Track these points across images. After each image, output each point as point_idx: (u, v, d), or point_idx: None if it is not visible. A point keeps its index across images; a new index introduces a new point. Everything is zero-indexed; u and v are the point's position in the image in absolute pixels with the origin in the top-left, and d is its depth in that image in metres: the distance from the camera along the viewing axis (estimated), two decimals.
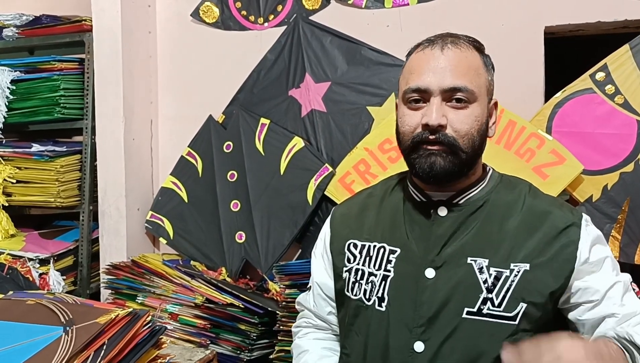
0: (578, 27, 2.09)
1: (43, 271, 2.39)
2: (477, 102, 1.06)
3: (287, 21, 2.44)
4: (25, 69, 2.56)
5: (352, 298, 1.18)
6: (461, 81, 1.04)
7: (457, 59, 1.06)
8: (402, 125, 1.11)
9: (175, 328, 2.11)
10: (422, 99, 1.07)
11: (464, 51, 1.07)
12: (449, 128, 1.04)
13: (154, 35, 2.67)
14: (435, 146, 1.05)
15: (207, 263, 2.45)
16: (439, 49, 1.07)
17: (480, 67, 1.08)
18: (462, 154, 1.05)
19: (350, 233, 1.24)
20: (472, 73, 1.06)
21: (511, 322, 1.02)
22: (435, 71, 1.06)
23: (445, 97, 1.05)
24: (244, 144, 2.44)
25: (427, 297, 1.07)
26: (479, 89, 1.06)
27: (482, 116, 1.07)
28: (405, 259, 1.12)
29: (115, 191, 2.51)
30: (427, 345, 1.05)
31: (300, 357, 1.29)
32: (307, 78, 2.38)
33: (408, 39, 2.24)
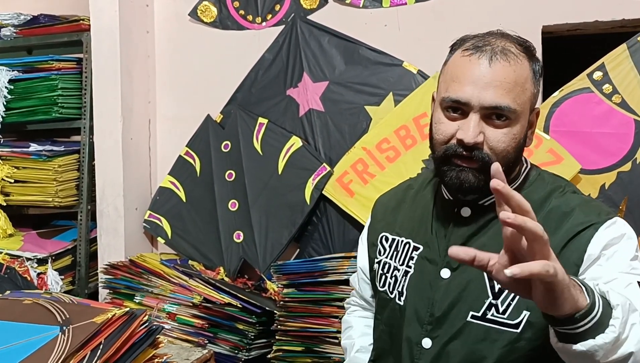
0: (575, 27, 2.09)
1: (41, 271, 2.39)
2: (520, 120, 1.01)
3: (285, 21, 2.44)
4: (23, 69, 2.56)
5: (379, 290, 1.23)
6: (504, 101, 0.98)
7: (504, 75, 0.99)
8: (437, 132, 1.07)
9: (173, 328, 2.11)
10: (460, 110, 1.03)
11: (512, 65, 1.00)
12: (485, 146, 1.01)
13: (152, 35, 2.67)
14: (467, 163, 1.02)
15: (205, 263, 2.45)
16: (487, 59, 1.00)
17: (527, 80, 1.01)
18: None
19: (385, 226, 1.27)
20: (518, 90, 1.00)
21: (513, 329, 1.01)
22: (478, 84, 1.00)
23: (486, 114, 1.00)
24: (242, 143, 2.44)
25: (439, 296, 1.09)
26: (523, 106, 1.01)
27: (521, 133, 1.03)
28: (425, 257, 1.14)
29: (113, 191, 2.51)
30: (434, 343, 1.08)
31: (346, 331, 1.41)
32: (305, 78, 2.38)
33: (406, 39, 2.27)
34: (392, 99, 2.22)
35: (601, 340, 0.76)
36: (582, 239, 0.99)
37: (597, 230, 0.99)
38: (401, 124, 2.17)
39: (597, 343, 0.76)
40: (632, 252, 0.97)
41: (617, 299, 0.79)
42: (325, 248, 2.31)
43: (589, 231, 0.99)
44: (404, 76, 2.23)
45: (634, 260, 0.97)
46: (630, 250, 0.98)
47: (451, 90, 1.03)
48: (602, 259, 0.97)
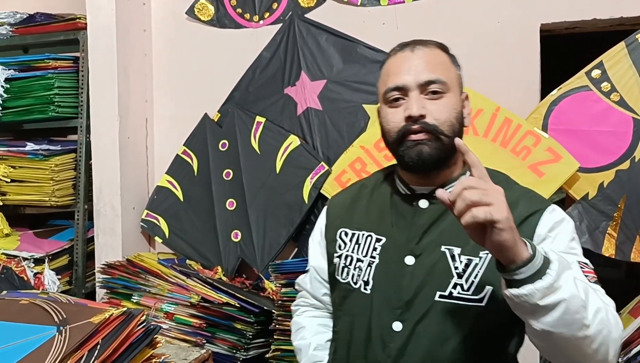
0: (574, 25, 2.08)
1: (38, 271, 2.38)
2: (451, 92, 1.16)
3: (282, 19, 2.43)
4: (19, 68, 2.54)
5: (341, 282, 1.29)
6: (435, 74, 1.15)
7: (428, 57, 1.17)
8: (387, 123, 1.21)
9: (170, 328, 2.10)
10: (401, 97, 1.17)
11: (431, 50, 1.19)
12: (429, 117, 1.14)
13: (149, 34, 2.66)
14: (420, 135, 1.14)
15: (203, 262, 2.44)
16: (410, 50, 1.20)
17: (448, 62, 1.20)
18: (445, 139, 1.14)
19: (342, 222, 1.34)
20: (443, 67, 1.17)
21: (479, 303, 1.11)
22: (409, 68, 1.17)
23: (422, 90, 1.15)
24: (240, 142, 2.43)
25: (406, 282, 1.17)
26: (451, 81, 1.17)
27: (458, 105, 1.17)
28: (389, 247, 1.22)
29: (110, 190, 2.50)
30: (404, 325, 1.16)
31: (298, 332, 1.43)
32: (303, 76, 2.37)
33: (404, 37, 2.23)
34: None
35: (539, 284, 0.90)
36: (530, 223, 1.13)
37: (542, 215, 1.13)
38: None
39: (536, 287, 0.90)
40: (571, 234, 1.13)
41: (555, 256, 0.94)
42: None
43: (536, 217, 1.13)
44: None
45: (572, 241, 1.12)
46: (569, 232, 1.13)
47: (389, 82, 1.19)
48: (547, 240, 1.11)
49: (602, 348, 0.97)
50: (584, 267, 1.08)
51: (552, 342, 0.97)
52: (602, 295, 1.03)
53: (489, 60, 2.13)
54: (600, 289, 1.05)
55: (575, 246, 1.13)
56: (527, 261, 0.91)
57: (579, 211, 2.01)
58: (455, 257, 1.14)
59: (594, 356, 0.97)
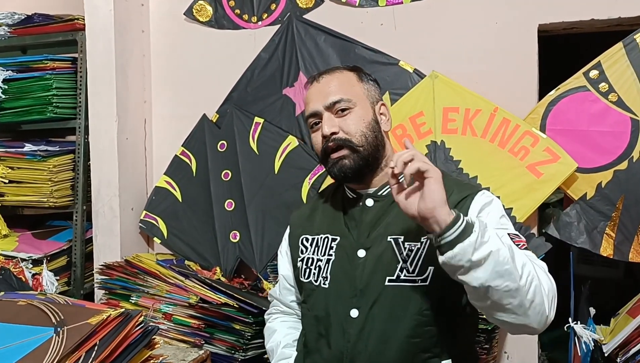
0: (572, 25, 2.09)
1: (36, 272, 2.38)
2: (358, 106, 1.33)
3: (280, 20, 2.43)
4: (17, 68, 2.54)
5: (304, 282, 1.42)
6: (337, 95, 1.33)
7: (331, 82, 1.36)
8: (314, 145, 1.40)
9: (169, 328, 2.10)
10: (318, 121, 1.36)
11: (333, 74, 1.38)
12: (341, 132, 1.32)
13: (147, 34, 2.66)
14: (339, 152, 1.32)
15: (202, 263, 2.44)
16: (317, 81, 1.39)
17: (352, 80, 1.37)
18: (360, 149, 1.31)
19: (304, 230, 1.48)
20: (346, 87, 1.35)
21: (423, 283, 1.25)
22: (318, 96, 1.36)
23: (332, 111, 1.33)
24: (238, 143, 2.43)
25: (359, 273, 1.31)
26: (356, 96, 1.34)
27: (367, 116, 1.34)
28: (343, 244, 1.37)
29: (108, 191, 2.50)
30: (360, 311, 1.29)
31: (270, 336, 1.56)
32: (301, 77, 2.37)
33: (402, 38, 2.27)
34: (389, 98, 2.21)
35: (467, 240, 1.02)
36: (463, 207, 1.26)
37: (473, 198, 1.27)
38: (397, 123, 2.16)
39: (464, 244, 1.02)
40: (501, 211, 1.27)
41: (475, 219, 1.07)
42: None
43: (468, 200, 1.27)
44: (400, 75, 2.23)
45: (502, 217, 1.26)
46: (499, 210, 1.27)
47: (306, 111, 1.39)
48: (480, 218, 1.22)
49: (537, 298, 1.07)
50: (514, 238, 1.18)
51: (492, 299, 1.06)
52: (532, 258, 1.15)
53: (487, 60, 2.13)
54: (532, 254, 1.17)
55: (505, 221, 1.26)
56: (453, 223, 1.05)
57: (577, 211, 2.01)
58: (400, 245, 1.28)
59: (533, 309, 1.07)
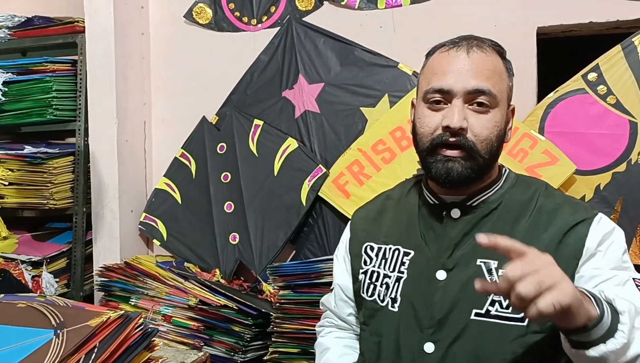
0: (570, 28, 2.09)
1: (36, 274, 2.38)
2: (499, 107, 1.05)
3: (280, 22, 2.44)
4: (17, 71, 2.54)
5: (367, 299, 1.19)
6: (485, 84, 1.03)
7: (482, 63, 1.05)
8: (422, 125, 1.09)
9: (168, 330, 2.10)
10: (443, 101, 1.06)
11: (489, 55, 1.06)
12: (470, 132, 1.04)
13: (147, 37, 2.66)
14: (454, 151, 1.05)
15: (201, 265, 2.45)
16: (465, 51, 1.06)
17: (503, 72, 1.08)
18: (480, 159, 1.05)
19: (368, 236, 1.25)
20: (497, 77, 1.05)
21: (520, 322, 1.01)
22: (460, 72, 1.04)
23: (468, 99, 1.04)
24: (238, 145, 2.44)
25: (437, 298, 1.07)
26: (501, 94, 1.06)
27: (502, 122, 1.07)
28: (418, 261, 1.13)
29: (108, 193, 2.50)
30: (437, 346, 1.06)
31: (322, 355, 1.31)
32: (301, 79, 2.38)
33: (401, 40, 2.27)
34: (388, 100, 2.22)
35: (612, 345, 0.80)
36: (578, 233, 1.02)
37: (590, 225, 1.02)
38: (397, 125, 2.17)
39: (609, 348, 0.80)
40: (623, 246, 1.02)
41: (623, 305, 0.83)
42: (322, 250, 2.30)
43: (583, 226, 1.02)
44: (400, 77, 2.23)
45: (625, 253, 1.01)
46: (622, 244, 1.02)
47: (434, 81, 1.07)
48: (598, 255, 1.00)
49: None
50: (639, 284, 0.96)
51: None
52: None
53: None
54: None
55: (627, 259, 1.01)
56: (596, 323, 0.80)
57: None
58: (492, 271, 1.03)
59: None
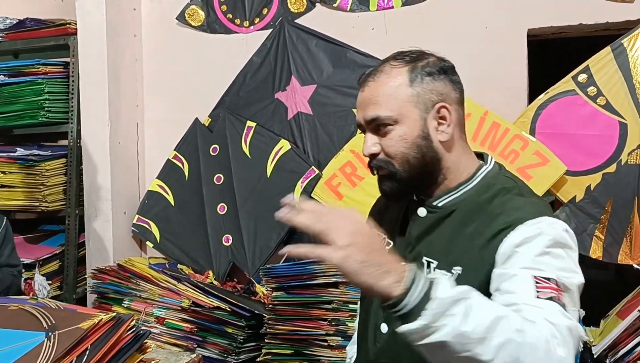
0: (560, 30, 2.11)
1: (28, 276, 2.37)
2: (401, 121, 1.11)
3: (272, 24, 2.44)
4: (9, 73, 2.53)
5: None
6: (374, 112, 1.11)
7: (373, 91, 1.13)
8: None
9: (161, 332, 2.10)
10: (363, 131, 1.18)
11: (377, 81, 1.13)
12: (382, 154, 1.13)
13: (139, 39, 2.66)
14: (380, 172, 1.15)
15: (194, 266, 2.45)
16: (363, 85, 1.16)
17: (399, 87, 1.12)
18: (400, 173, 1.12)
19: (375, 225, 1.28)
20: (387, 99, 1.11)
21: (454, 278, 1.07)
22: (360, 106, 1.16)
23: (372, 127, 1.14)
24: (230, 147, 2.44)
25: None
26: (399, 109, 1.11)
27: (410, 132, 1.11)
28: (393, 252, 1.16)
29: (101, 195, 2.50)
30: (389, 327, 1.16)
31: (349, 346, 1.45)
32: (293, 81, 2.38)
33: (393, 42, 2.27)
34: None
35: (409, 327, 0.83)
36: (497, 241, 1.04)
37: (514, 229, 1.03)
38: None
39: (409, 328, 0.84)
40: (541, 248, 1.00)
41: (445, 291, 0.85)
42: None
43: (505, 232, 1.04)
44: None
45: (541, 255, 0.99)
46: (539, 246, 1.00)
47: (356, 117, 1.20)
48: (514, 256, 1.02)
49: None
50: (541, 282, 0.96)
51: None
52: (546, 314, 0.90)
53: (477, 64, 2.14)
54: (552, 307, 0.92)
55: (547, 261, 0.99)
56: (399, 300, 0.84)
57: (567, 214, 2.02)
58: (431, 270, 1.11)
59: None
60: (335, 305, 1.96)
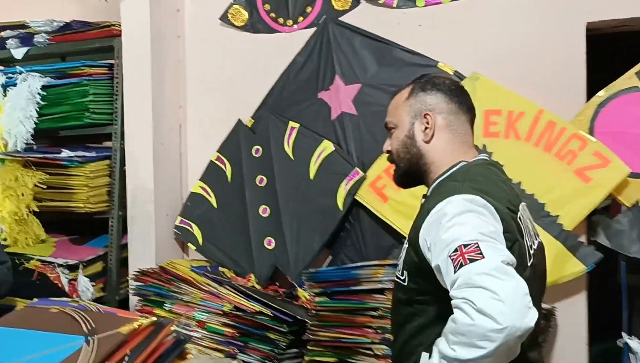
0: (622, 23, 2.00)
1: (72, 278, 2.38)
2: (397, 126, 1.41)
3: (316, 23, 2.40)
4: (55, 75, 2.56)
5: None
6: (386, 118, 1.46)
7: (390, 103, 1.47)
8: None
9: (203, 337, 2.07)
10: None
11: (396, 95, 1.46)
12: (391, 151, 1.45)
13: (182, 40, 2.66)
14: (391, 164, 1.46)
15: (236, 269, 2.41)
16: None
17: (402, 98, 1.42)
18: (398, 164, 1.43)
19: None
20: (392, 109, 1.44)
21: (403, 282, 1.31)
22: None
23: (388, 130, 1.46)
24: (273, 148, 2.40)
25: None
26: (398, 118, 1.41)
27: (401, 134, 1.40)
28: None
29: (144, 197, 2.49)
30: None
31: None
32: (337, 80, 2.33)
33: (441, 39, 2.20)
34: None
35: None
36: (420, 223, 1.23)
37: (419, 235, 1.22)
38: None
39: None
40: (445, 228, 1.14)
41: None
42: (359, 255, 2.25)
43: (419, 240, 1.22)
44: None
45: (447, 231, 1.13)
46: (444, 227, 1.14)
47: None
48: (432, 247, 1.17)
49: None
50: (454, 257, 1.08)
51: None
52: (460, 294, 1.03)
53: (531, 60, 2.06)
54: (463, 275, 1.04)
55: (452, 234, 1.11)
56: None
57: (629, 219, 1.90)
58: (403, 247, 1.36)
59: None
60: (381, 312, 1.88)
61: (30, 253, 2.48)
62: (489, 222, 1.13)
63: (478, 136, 2.03)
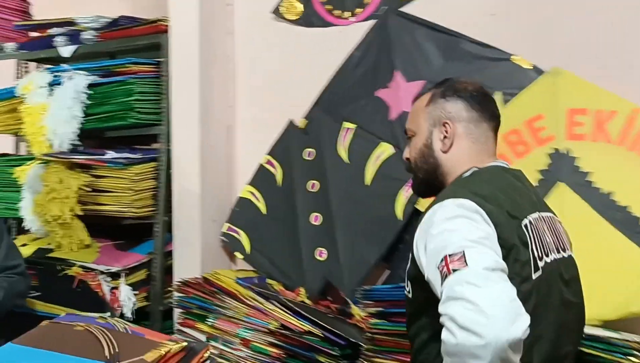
0: None
1: (114, 285, 2.28)
2: (416, 134, 1.40)
3: (375, 14, 2.23)
4: (101, 73, 2.48)
5: None
6: (406, 125, 1.46)
7: (411, 109, 1.46)
8: None
9: (247, 356, 1.92)
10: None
11: (416, 101, 1.45)
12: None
13: (232, 36, 2.54)
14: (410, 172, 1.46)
15: (285, 282, 2.26)
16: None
17: (422, 105, 1.40)
18: (418, 174, 1.41)
19: None
20: (412, 115, 1.44)
21: (409, 295, 1.30)
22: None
23: (408, 136, 1.45)
24: (326, 151, 2.25)
25: None
26: (417, 125, 1.40)
27: (419, 142, 1.39)
28: None
29: (190, 201, 2.38)
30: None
31: None
32: (397, 77, 2.15)
33: (517, 29, 1.97)
34: (501, 98, 1.92)
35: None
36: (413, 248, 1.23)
37: (417, 246, 1.20)
38: (511, 128, 1.89)
39: None
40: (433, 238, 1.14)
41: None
42: None
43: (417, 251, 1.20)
44: (514, 71, 1.96)
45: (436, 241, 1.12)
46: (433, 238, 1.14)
47: None
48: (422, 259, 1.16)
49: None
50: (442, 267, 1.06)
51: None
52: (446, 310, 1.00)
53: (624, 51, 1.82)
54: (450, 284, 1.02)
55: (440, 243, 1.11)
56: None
57: None
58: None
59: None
60: None
61: (73, 259, 2.39)
62: (480, 227, 1.12)
63: (560, 138, 1.80)
